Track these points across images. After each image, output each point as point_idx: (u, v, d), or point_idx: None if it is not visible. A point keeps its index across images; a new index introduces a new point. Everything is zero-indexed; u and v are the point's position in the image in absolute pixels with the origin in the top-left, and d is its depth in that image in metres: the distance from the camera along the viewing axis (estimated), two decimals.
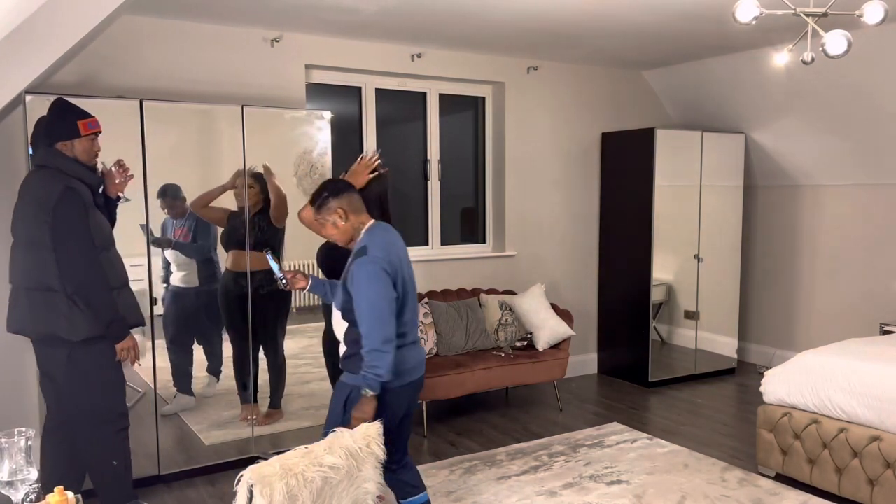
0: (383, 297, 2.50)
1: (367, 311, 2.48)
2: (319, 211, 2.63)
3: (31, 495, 1.60)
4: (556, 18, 4.22)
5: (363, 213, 2.68)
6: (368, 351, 2.46)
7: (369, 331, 2.47)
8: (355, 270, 2.52)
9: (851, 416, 3.45)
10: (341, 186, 2.66)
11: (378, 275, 2.50)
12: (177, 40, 4.16)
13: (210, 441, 3.94)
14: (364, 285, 2.49)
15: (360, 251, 2.55)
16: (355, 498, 2.01)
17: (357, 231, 2.65)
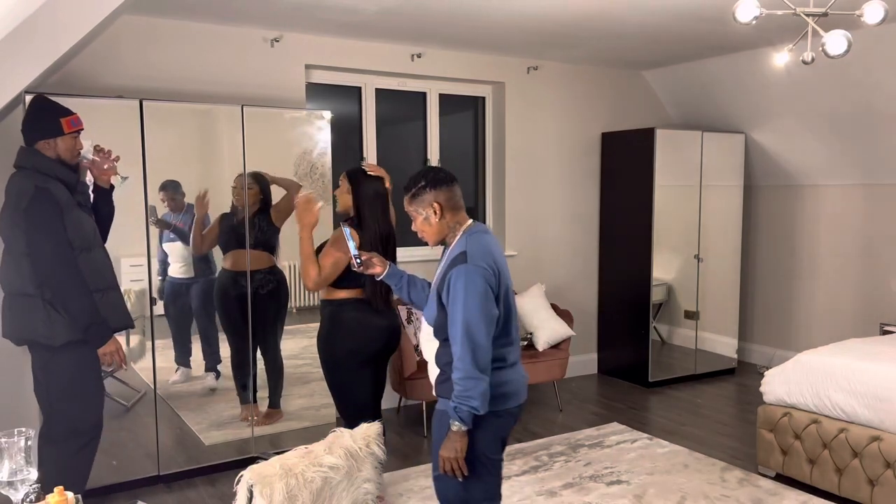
0: (483, 314, 2.13)
1: (463, 331, 2.10)
2: (412, 202, 2.28)
3: (31, 495, 1.60)
4: (556, 18, 4.22)
5: (462, 211, 2.32)
6: (461, 378, 2.10)
7: (463, 353, 2.10)
8: (453, 280, 2.14)
9: (851, 416, 3.45)
10: (442, 177, 2.29)
11: (480, 287, 2.13)
12: (177, 40, 4.16)
13: (210, 441, 3.94)
14: (462, 299, 2.12)
15: (459, 257, 2.17)
16: (355, 498, 2.01)
17: (452, 231, 2.30)
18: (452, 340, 2.14)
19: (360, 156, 5.02)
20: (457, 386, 2.10)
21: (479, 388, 2.09)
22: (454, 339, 2.13)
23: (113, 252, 3.12)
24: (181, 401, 3.89)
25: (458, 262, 2.16)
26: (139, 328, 3.74)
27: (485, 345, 2.12)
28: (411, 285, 2.52)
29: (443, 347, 2.26)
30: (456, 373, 2.11)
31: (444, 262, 2.29)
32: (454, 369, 2.12)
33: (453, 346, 2.13)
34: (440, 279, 2.23)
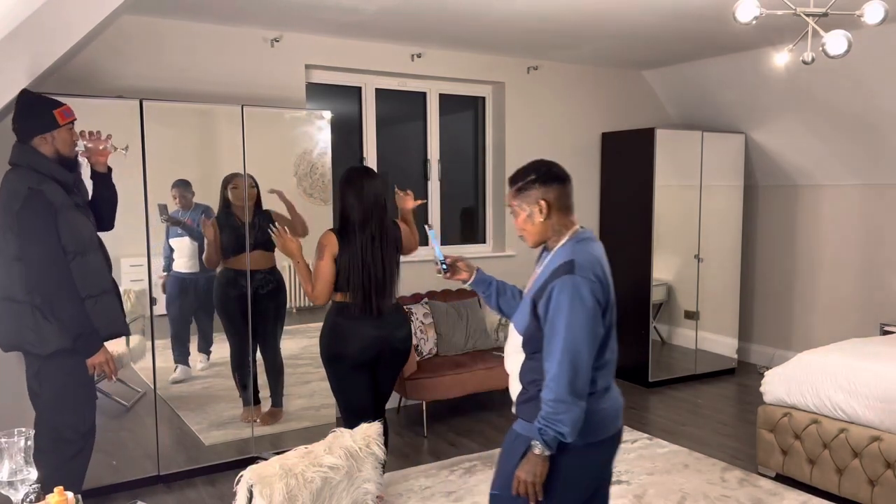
0: (588, 333, 1.92)
1: (563, 349, 1.89)
2: (517, 195, 2.08)
3: (31, 495, 1.60)
4: (556, 18, 4.22)
5: (571, 214, 2.12)
6: (553, 400, 1.89)
7: (559, 374, 1.88)
8: (557, 292, 1.92)
9: (851, 416, 3.45)
10: (556, 173, 2.11)
11: (588, 302, 1.92)
12: (177, 40, 4.16)
13: (210, 441, 3.94)
14: (566, 314, 1.90)
15: (565, 266, 1.95)
16: (355, 498, 2.01)
17: (557, 235, 2.08)
18: (547, 357, 1.93)
19: (361, 156, 5.02)
20: (546, 407, 1.90)
21: (571, 413, 1.89)
22: (550, 356, 1.91)
23: (113, 252, 3.11)
24: (181, 401, 3.89)
25: (563, 272, 1.94)
26: (139, 328, 3.74)
27: (586, 367, 1.92)
28: (500, 293, 2.35)
29: (530, 362, 2.04)
30: (547, 392, 1.90)
31: (543, 268, 2.06)
32: (546, 388, 1.91)
33: (547, 362, 1.92)
34: (539, 287, 1.99)
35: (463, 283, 2.36)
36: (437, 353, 4.73)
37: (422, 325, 4.67)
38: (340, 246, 3.06)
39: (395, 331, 3.19)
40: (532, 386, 2.01)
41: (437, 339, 4.73)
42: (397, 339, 3.20)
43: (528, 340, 2.04)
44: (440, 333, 4.74)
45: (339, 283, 3.09)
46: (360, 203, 3.08)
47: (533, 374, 2.02)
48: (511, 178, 2.11)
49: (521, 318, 2.07)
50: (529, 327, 2.02)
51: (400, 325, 3.23)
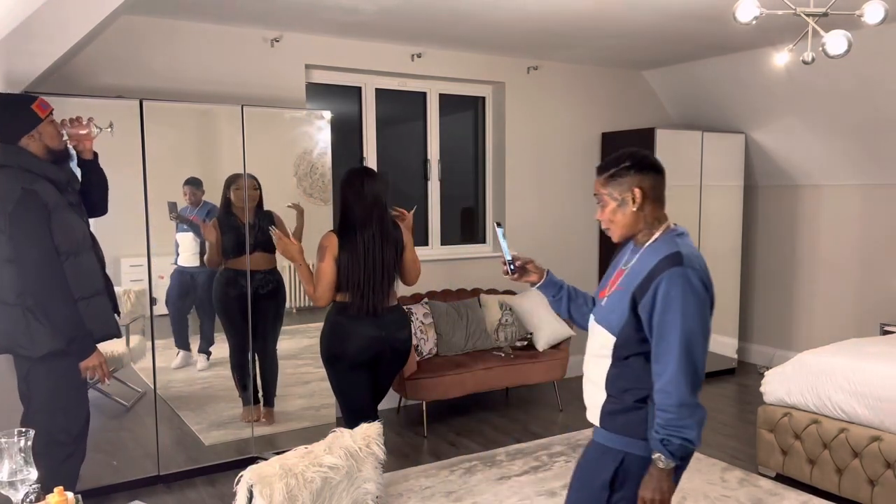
0: (704, 328, 1.80)
1: (680, 347, 1.75)
2: (608, 183, 1.94)
3: (31, 495, 1.60)
4: (556, 18, 4.22)
5: (663, 208, 1.97)
6: (676, 404, 1.76)
7: (678, 375, 1.76)
8: (667, 285, 1.78)
9: (851, 416, 3.45)
10: (652, 162, 1.96)
11: (702, 296, 1.80)
12: (177, 40, 4.16)
13: (210, 441, 3.94)
14: (680, 308, 1.76)
15: (672, 258, 1.81)
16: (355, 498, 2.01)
17: (648, 228, 1.93)
18: (658, 357, 1.79)
19: (361, 156, 5.02)
20: (667, 414, 1.77)
21: (696, 416, 1.78)
22: (663, 356, 1.78)
23: (113, 252, 3.11)
24: (181, 401, 3.89)
25: (670, 264, 1.80)
26: (139, 328, 3.75)
27: (702, 365, 1.80)
28: (572, 298, 2.20)
29: (621, 368, 1.89)
30: (666, 398, 1.77)
31: (636, 263, 1.91)
32: (662, 393, 1.77)
33: (659, 364, 1.78)
34: (641, 283, 1.83)
35: (531, 286, 2.22)
36: (437, 353, 4.73)
37: (422, 325, 4.67)
38: (340, 246, 3.05)
39: (395, 332, 3.18)
40: (627, 395, 1.86)
41: (437, 339, 4.73)
42: (398, 339, 3.19)
43: (623, 343, 1.87)
44: (440, 333, 4.74)
45: (339, 283, 3.08)
46: (360, 203, 3.07)
47: (625, 381, 1.87)
48: (601, 165, 1.98)
49: (615, 318, 1.89)
50: (626, 328, 1.85)
51: (401, 326, 3.22)
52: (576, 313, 2.20)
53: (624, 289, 1.89)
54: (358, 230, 3.06)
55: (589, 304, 2.19)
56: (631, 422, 1.85)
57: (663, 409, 1.77)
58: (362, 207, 3.07)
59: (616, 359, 1.90)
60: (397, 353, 3.21)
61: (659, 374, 1.79)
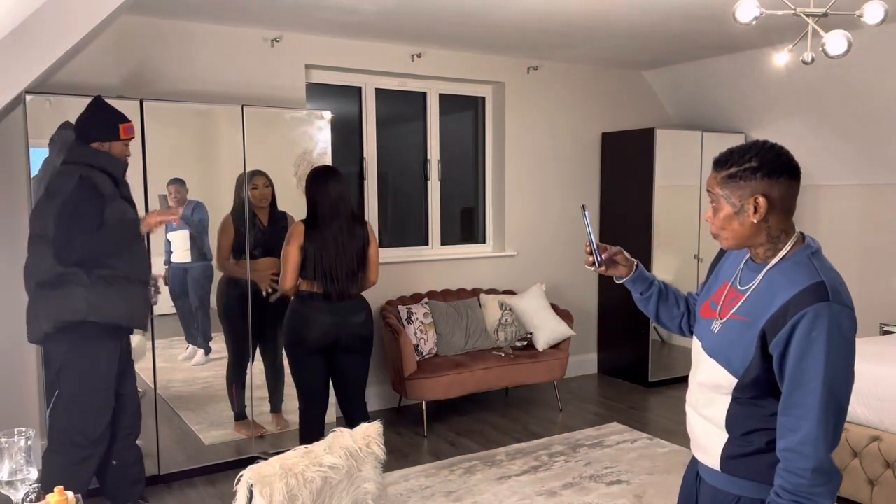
0: (850, 381, 1.51)
1: (822, 401, 1.45)
2: (727, 183, 1.60)
3: (31, 495, 1.60)
4: (556, 18, 4.22)
5: (791, 216, 1.62)
6: (813, 469, 1.45)
7: (819, 436, 1.45)
8: (809, 324, 1.46)
9: (851, 416, 3.45)
10: (785, 163, 1.64)
11: (850, 340, 1.49)
12: (177, 40, 4.16)
13: (210, 441, 3.94)
14: (825, 353, 1.45)
15: (816, 291, 1.48)
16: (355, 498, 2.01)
17: (773, 243, 1.60)
18: (791, 411, 1.49)
19: (361, 155, 5.02)
20: (797, 479, 1.46)
21: (832, 485, 1.48)
22: (798, 410, 1.48)
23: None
24: (181, 401, 3.89)
25: (813, 298, 1.47)
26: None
27: (843, 422, 1.50)
28: (662, 299, 1.93)
29: (749, 407, 1.60)
30: (798, 460, 1.47)
31: (763, 285, 1.59)
32: (794, 454, 1.47)
33: (791, 418, 1.49)
34: (774, 316, 1.52)
35: (617, 280, 1.94)
36: (436, 353, 4.73)
37: (422, 325, 4.67)
38: (307, 236, 3.29)
39: (350, 316, 3.39)
40: (755, 437, 1.58)
41: (437, 339, 4.73)
42: (354, 324, 3.40)
43: (751, 384, 1.57)
44: (440, 333, 4.74)
45: (305, 273, 3.32)
46: (326, 198, 3.30)
47: (753, 422, 1.59)
48: (720, 158, 1.63)
49: (736, 356, 1.58)
50: (753, 369, 1.55)
51: (357, 311, 3.43)
52: (665, 316, 1.94)
53: (749, 320, 1.57)
54: (325, 223, 3.30)
55: (682, 307, 1.93)
56: (760, 465, 1.58)
57: (793, 473, 1.47)
58: (329, 203, 3.30)
59: (740, 398, 1.60)
60: (356, 337, 3.42)
61: (791, 430, 1.48)
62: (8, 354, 3.81)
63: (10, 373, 3.82)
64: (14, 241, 3.78)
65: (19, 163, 3.70)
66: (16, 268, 3.80)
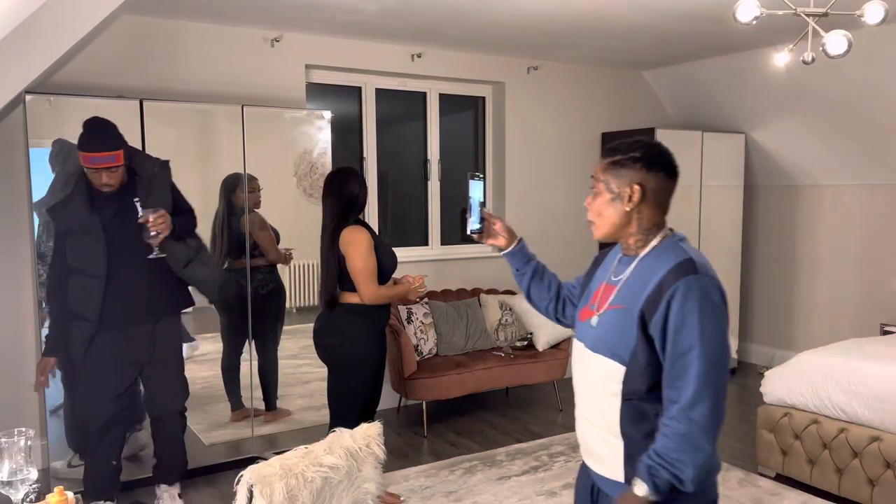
0: (725, 346, 1.52)
1: (700, 368, 1.47)
2: (608, 169, 1.65)
3: (31, 495, 1.60)
4: (556, 18, 4.22)
5: (663, 214, 1.69)
6: (681, 434, 1.48)
7: (695, 400, 1.47)
8: (682, 296, 1.50)
9: (851, 417, 3.45)
10: (667, 161, 1.66)
11: (721, 309, 1.53)
12: (177, 40, 4.16)
13: (210, 441, 3.94)
14: (698, 324, 1.48)
15: (684, 266, 1.54)
16: (355, 498, 2.01)
17: (643, 235, 1.66)
18: (673, 383, 1.50)
19: (361, 156, 5.02)
20: (668, 441, 1.49)
21: (701, 455, 1.48)
22: (678, 381, 1.49)
23: None
24: None
25: (683, 272, 1.52)
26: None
27: (724, 390, 1.51)
28: (536, 279, 1.98)
29: (638, 404, 1.58)
30: (674, 425, 1.48)
31: (635, 273, 1.63)
32: (672, 420, 1.49)
33: (674, 390, 1.50)
34: (648, 298, 1.55)
35: (498, 251, 1.95)
36: (437, 353, 4.73)
37: (422, 324, 4.67)
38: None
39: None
40: (649, 440, 1.55)
41: (437, 338, 4.73)
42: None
43: (637, 374, 1.55)
44: (440, 333, 4.74)
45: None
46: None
47: (648, 422, 1.57)
48: (610, 147, 1.68)
49: (620, 344, 1.58)
50: (638, 354, 1.55)
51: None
52: (535, 296, 1.99)
53: (626, 306, 1.59)
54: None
55: (552, 291, 1.99)
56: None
57: (665, 436, 1.50)
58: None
59: (630, 394, 1.58)
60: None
61: (673, 401, 1.50)
62: (8, 354, 3.81)
63: (10, 373, 3.82)
64: (14, 240, 3.78)
65: (19, 163, 3.70)
66: (15, 267, 3.80)
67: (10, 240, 3.78)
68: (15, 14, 2.67)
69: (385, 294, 3.12)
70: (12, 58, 2.81)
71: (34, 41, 2.82)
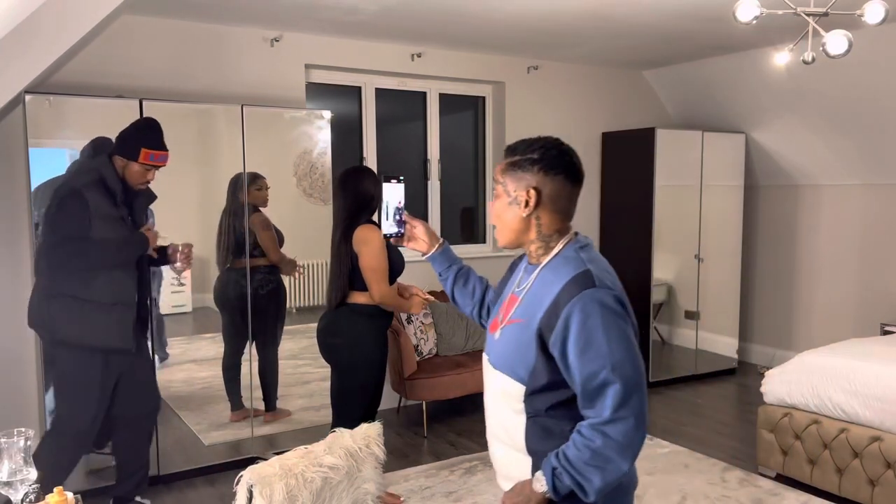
0: (636, 356, 1.44)
1: (622, 391, 1.39)
2: (506, 171, 1.58)
3: (31, 495, 1.60)
4: (556, 18, 4.22)
5: (567, 222, 1.61)
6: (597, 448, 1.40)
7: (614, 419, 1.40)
8: (581, 314, 1.42)
9: (852, 417, 3.45)
10: (567, 163, 1.63)
11: (624, 321, 1.46)
12: (177, 40, 4.16)
13: (210, 441, 3.94)
14: (605, 338, 1.41)
15: (581, 279, 1.46)
16: (355, 498, 2.00)
17: (543, 242, 1.58)
18: (589, 405, 1.43)
19: (361, 155, 5.02)
20: (579, 451, 1.41)
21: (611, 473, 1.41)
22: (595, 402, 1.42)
23: None
24: (181, 401, 3.89)
25: (579, 287, 1.44)
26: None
27: (644, 403, 1.43)
28: (459, 284, 1.88)
29: (544, 419, 1.50)
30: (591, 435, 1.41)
31: (535, 285, 1.54)
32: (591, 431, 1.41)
33: (590, 410, 1.43)
34: (545, 314, 1.46)
35: (423, 256, 1.90)
36: (436, 353, 4.73)
37: (422, 325, 4.67)
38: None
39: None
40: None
41: (437, 339, 4.73)
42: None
43: (537, 394, 1.48)
44: (440, 333, 4.74)
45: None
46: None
47: (554, 439, 1.48)
48: (510, 146, 1.60)
49: (519, 362, 1.50)
50: (538, 372, 1.47)
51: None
52: (459, 300, 1.89)
53: (524, 321, 1.50)
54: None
55: (476, 297, 1.86)
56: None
57: (577, 446, 1.42)
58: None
59: (534, 412, 1.50)
60: None
61: (590, 417, 1.44)
62: (8, 354, 3.80)
63: (10, 373, 3.81)
64: (14, 240, 3.78)
65: (19, 163, 3.69)
66: (15, 267, 3.80)
67: (9, 240, 3.78)
68: (15, 14, 2.67)
69: (393, 297, 3.10)
70: (12, 58, 2.81)
71: (34, 41, 2.82)
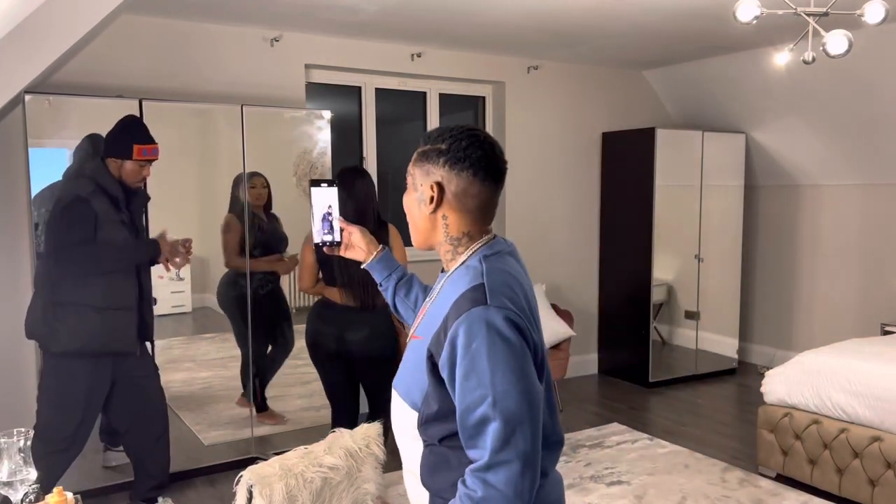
0: (527, 389, 1.22)
1: (502, 429, 1.19)
2: (417, 161, 1.42)
3: (31, 495, 1.60)
4: (556, 18, 4.22)
5: (481, 223, 1.40)
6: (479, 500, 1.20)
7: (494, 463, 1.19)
8: (462, 336, 1.23)
9: (852, 417, 3.45)
10: (477, 158, 1.34)
11: (515, 345, 1.23)
12: (177, 40, 4.15)
13: (210, 441, 3.94)
14: (491, 370, 1.20)
15: (472, 295, 1.27)
16: (355, 498, 2.00)
17: (452, 246, 1.39)
18: (469, 442, 1.24)
19: (360, 155, 5.01)
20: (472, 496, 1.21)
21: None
22: (474, 441, 1.23)
23: None
24: (181, 401, 3.89)
25: (468, 304, 1.25)
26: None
27: (534, 447, 1.22)
28: (400, 293, 1.72)
29: (445, 453, 1.32)
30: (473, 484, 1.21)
31: (439, 297, 1.37)
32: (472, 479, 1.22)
33: (471, 450, 1.24)
34: (436, 332, 1.29)
35: (360, 263, 1.76)
36: None
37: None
38: None
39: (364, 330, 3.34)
40: (453, 491, 1.27)
41: None
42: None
43: (430, 423, 1.30)
44: None
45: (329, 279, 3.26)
46: (353, 200, 3.20)
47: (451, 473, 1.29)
48: (426, 133, 1.41)
49: (415, 382, 1.33)
50: (431, 397, 1.29)
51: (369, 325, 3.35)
52: (401, 309, 1.72)
53: (423, 338, 1.33)
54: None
55: (419, 303, 1.69)
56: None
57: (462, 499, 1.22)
58: (355, 204, 3.19)
59: (430, 442, 1.33)
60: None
61: (471, 459, 1.24)
62: (8, 354, 3.80)
63: (10, 373, 3.81)
64: (13, 240, 3.78)
65: (19, 163, 3.69)
66: (15, 268, 3.80)
67: (9, 240, 3.77)
68: (15, 14, 2.67)
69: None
70: (11, 57, 2.81)
71: (34, 41, 2.82)
